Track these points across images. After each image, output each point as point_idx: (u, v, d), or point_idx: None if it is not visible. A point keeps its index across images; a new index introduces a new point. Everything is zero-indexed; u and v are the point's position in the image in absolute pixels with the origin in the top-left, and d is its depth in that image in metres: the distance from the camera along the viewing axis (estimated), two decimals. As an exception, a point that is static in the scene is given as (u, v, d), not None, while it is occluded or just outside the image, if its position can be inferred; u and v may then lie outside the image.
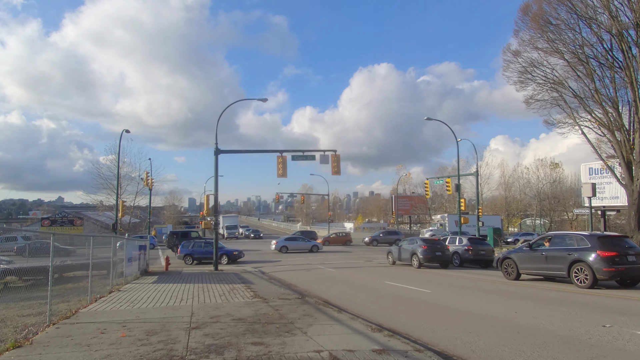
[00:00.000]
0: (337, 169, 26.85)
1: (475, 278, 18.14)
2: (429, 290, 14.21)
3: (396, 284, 16.40)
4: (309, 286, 16.78)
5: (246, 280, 18.63)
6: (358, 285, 16.51)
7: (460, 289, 14.91)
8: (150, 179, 44.86)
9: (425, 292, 14.04)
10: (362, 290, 15.19)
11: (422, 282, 16.67)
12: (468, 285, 15.92)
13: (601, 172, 34.38)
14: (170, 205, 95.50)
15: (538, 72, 22.26)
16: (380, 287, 15.89)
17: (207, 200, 23.78)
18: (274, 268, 24.96)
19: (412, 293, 13.93)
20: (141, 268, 21.74)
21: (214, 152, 24.15)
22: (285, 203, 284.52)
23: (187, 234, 40.61)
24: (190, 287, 15.76)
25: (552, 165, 77.57)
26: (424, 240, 22.69)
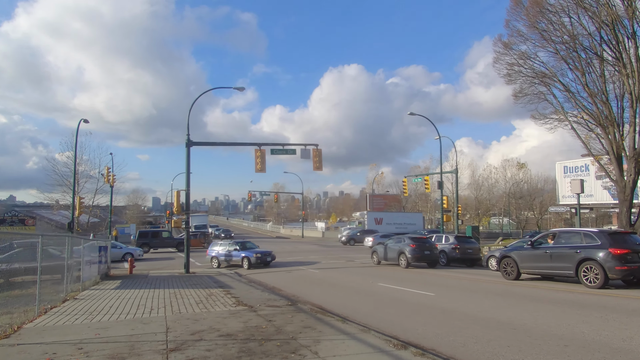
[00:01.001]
0: (318, 164, 25.26)
1: (472, 278, 16.95)
2: (432, 294, 12.80)
3: (391, 286, 14.96)
4: (296, 290, 15.10)
5: (223, 283, 16.75)
6: (350, 289, 14.96)
7: (465, 291, 13.59)
8: (111, 174, 41.84)
9: (428, 295, 12.63)
10: (356, 295, 13.64)
11: (419, 284, 15.30)
12: (470, 287, 14.64)
13: (575, 170, 34.37)
14: (133, 204, 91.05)
15: (528, 64, 21.50)
16: (375, 290, 14.39)
17: (177, 197, 21.65)
18: (252, 269, 23.07)
19: (415, 297, 12.49)
20: (102, 272, 19.42)
21: (186, 144, 22.05)
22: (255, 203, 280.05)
23: (158, 233, 37.98)
24: (160, 293, 13.76)
25: (518, 165, 78.98)
26: (412, 238, 21.44)
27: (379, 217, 54.63)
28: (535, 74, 21.47)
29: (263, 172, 24.04)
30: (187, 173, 21.92)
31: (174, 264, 27.57)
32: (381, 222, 53.02)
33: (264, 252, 24.40)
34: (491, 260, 19.84)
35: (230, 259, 24.45)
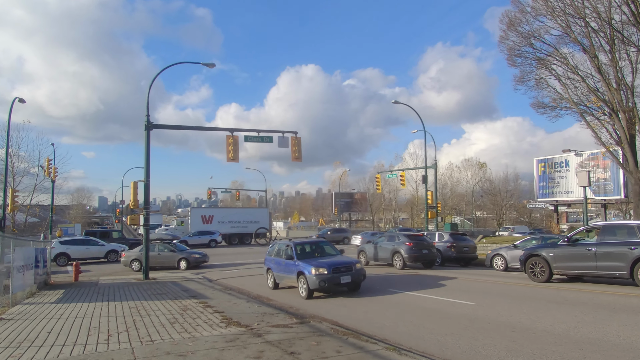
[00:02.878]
0: (297, 153, 22.53)
1: (493, 281, 14.68)
2: (472, 302, 10.39)
3: (408, 292, 12.46)
4: (288, 299, 12.38)
5: (194, 292, 13.72)
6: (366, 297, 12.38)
7: (504, 297, 11.09)
8: (52, 167, 36.98)
9: (468, 304, 10.21)
10: (372, 304, 11.07)
11: (441, 289, 12.86)
12: (503, 291, 12.20)
13: (555, 166, 33.71)
14: (77, 204, 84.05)
15: (536, 45, 19.94)
16: (390, 297, 11.89)
17: (134, 189, 18.24)
18: (221, 273, 20.01)
19: (452, 307, 10.01)
20: (40, 279, 15.73)
21: (145, 126, 18.63)
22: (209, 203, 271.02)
23: (107, 233, 33.67)
24: (118, 309, 10.60)
25: (479, 164, 79.86)
26: (408, 236, 19.19)
27: (208, 215, 45.01)
28: (542, 56, 19.94)
29: (236, 162, 21.02)
30: (147, 160, 18.53)
31: (127, 268, 23.87)
32: (211, 220, 44.17)
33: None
34: (496, 259, 17.98)
35: None
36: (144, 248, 18.38)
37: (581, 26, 18.48)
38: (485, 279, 15.28)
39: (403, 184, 36.38)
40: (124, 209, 65.70)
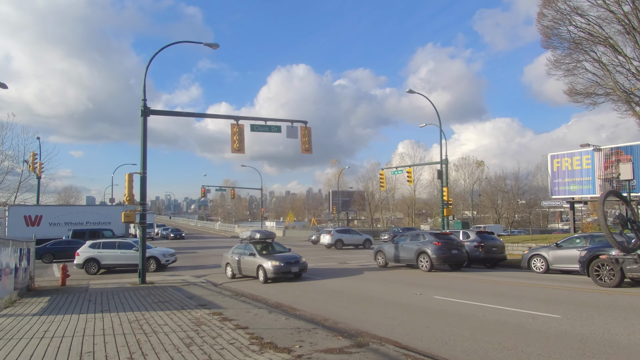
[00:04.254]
0: (308, 145, 20.64)
1: (551, 285, 12.80)
2: (557, 315, 8.51)
3: (465, 301, 10.57)
4: (316, 308, 10.49)
5: (202, 299, 11.78)
6: (401, 305, 10.43)
7: (585, 308, 9.23)
8: (38, 162, 34.65)
9: (552, 317, 8.33)
10: (428, 316, 9.15)
11: (498, 297, 11.07)
12: (575, 299, 10.28)
13: (571, 162, 32.16)
14: (65, 204, 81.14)
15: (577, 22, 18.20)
16: (445, 307, 9.96)
17: (128, 182, 16.22)
18: (227, 276, 18.03)
19: (534, 322, 8.02)
20: (22, 284, 13.66)
21: (141, 112, 16.62)
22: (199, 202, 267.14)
23: (97, 232, 31.34)
24: (115, 323, 8.64)
25: (477, 163, 78.58)
26: (435, 235, 17.38)
27: (36, 215, 33.97)
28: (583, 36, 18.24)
29: (241, 153, 19.08)
30: (143, 150, 16.52)
31: (120, 270, 21.79)
32: (39, 221, 33.68)
33: None
34: (535, 260, 16.26)
35: None
36: (141, 247, 16.34)
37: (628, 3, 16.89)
38: (539, 283, 13.40)
39: (410, 181, 34.68)
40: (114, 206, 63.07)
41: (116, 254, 20.57)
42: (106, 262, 20.33)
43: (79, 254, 20.31)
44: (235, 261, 17.52)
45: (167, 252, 22.24)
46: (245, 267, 16.92)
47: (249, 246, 17.25)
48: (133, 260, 19.49)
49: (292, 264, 16.04)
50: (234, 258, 17.70)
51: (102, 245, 21.00)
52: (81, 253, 20.36)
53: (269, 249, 17.25)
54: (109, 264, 20.42)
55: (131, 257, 20.01)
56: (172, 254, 22.33)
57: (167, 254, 21.88)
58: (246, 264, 16.90)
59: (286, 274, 15.75)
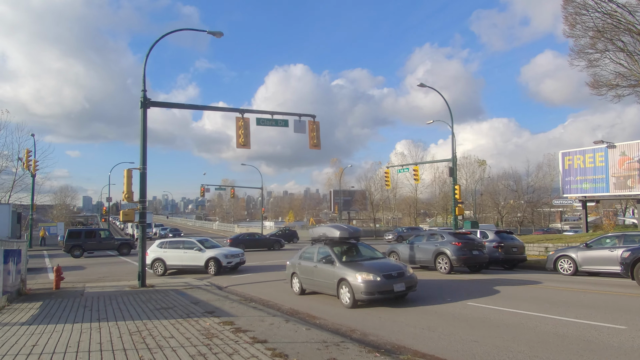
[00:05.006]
0: (316, 140, 19.59)
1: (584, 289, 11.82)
2: (624, 326, 7.41)
3: (501, 307, 9.46)
4: (335, 314, 9.46)
5: (209, 305, 10.73)
6: (431, 312, 9.45)
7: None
8: (33, 160, 33.48)
9: (618, 329, 7.28)
10: (468, 327, 8.15)
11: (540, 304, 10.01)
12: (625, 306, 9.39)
13: (584, 160, 31.21)
14: (61, 204, 79.90)
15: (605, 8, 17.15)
16: (489, 316, 8.86)
17: (127, 178, 15.16)
18: (231, 279, 16.97)
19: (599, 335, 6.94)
20: (12, 287, 12.55)
21: (141, 104, 15.53)
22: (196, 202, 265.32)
23: (94, 233, 30.23)
24: (114, 334, 7.58)
25: (479, 162, 77.64)
26: (454, 235, 16.37)
27: None
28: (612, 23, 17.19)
29: (247, 148, 18.00)
30: (143, 143, 15.44)
31: (118, 271, 20.73)
32: None
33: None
34: (561, 262, 15.28)
35: None
36: (140, 248, 15.26)
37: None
38: (575, 287, 12.38)
39: (416, 179, 33.65)
40: (111, 206, 61.96)
41: (179, 254, 18.85)
42: (171, 262, 18.80)
43: (148, 254, 18.37)
44: (307, 271, 12.36)
45: (231, 252, 18.96)
46: (320, 281, 11.70)
47: (324, 249, 12.10)
48: (197, 262, 18.38)
49: (395, 278, 10.34)
50: (305, 266, 12.52)
51: (168, 244, 19.40)
52: (150, 252, 18.73)
53: (353, 253, 12.11)
54: (173, 265, 18.84)
55: (194, 257, 18.58)
56: (237, 255, 18.87)
57: (230, 254, 18.67)
58: (321, 275, 11.66)
59: (386, 293, 10.09)
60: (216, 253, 18.45)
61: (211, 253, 18.42)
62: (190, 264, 18.49)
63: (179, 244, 19.26)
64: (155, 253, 19.03)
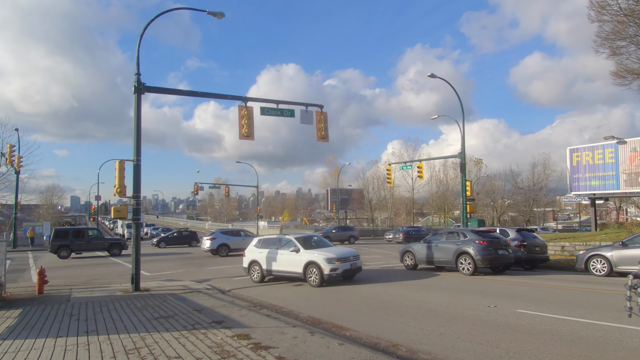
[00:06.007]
0: (324, 132, 18.26)
1: None
2: None
3: (561, 316, 8.19)
4: (364, 323, 8.12)
5: (216, 313, 9.33)
6: (481, 322, 8.14)
7: None
8: (17, 156, 31.67)
9: None
10: (537, 341, 6.86)
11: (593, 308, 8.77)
12: None
13: (593, 157, 30.22)
14: (48, 203, 77.52)
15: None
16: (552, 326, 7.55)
17: (119, 170, 13.73)
18: (233, 282, 15.56)
19: None
20: (-15, 294, 11.06)
21: (134, 89, 14.06)
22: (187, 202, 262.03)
23: (82, 232, 28.52)
24: (107, 354, 6.17)
25: (475, 161, 76.96)
26: (478, 233, 15.13)
27: None
28: None
29: (251, 139, 16.61)
30: (137, 133, 13.98)
31: (108, 273, 19.16)
32: None
33: None
34: (594, 262, 14.13)
35: None
36: (134, 248, 13.79)
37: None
38: (622, 290, 11.21)
39: (421, 176, 32.50)
40: (100, 206, 60.00)
41: (276, 256, 14.90)
42: (268, 266, 15.02)
43: (245, 255, 15.92)
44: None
45: (340, 253, 13.81)
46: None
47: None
48: (294, 267, 14.14)
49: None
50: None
51: (264, 242, 15.68)
52: (247, 253, 15.84)
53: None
54: (270, 269, 15.00)
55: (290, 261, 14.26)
56: (347, 258, 13.67)
57: (339, 257, 13.51)
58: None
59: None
60: (317, 255, 13.62)
61: (310, 255, 13.77)
62: (287, 269, 14.44)
63: (276, 243, 15.35)
64: (251, 254, 15.61)
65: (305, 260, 13.69)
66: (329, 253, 13.63)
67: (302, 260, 13.78)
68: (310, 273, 13.54)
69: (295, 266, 13.94)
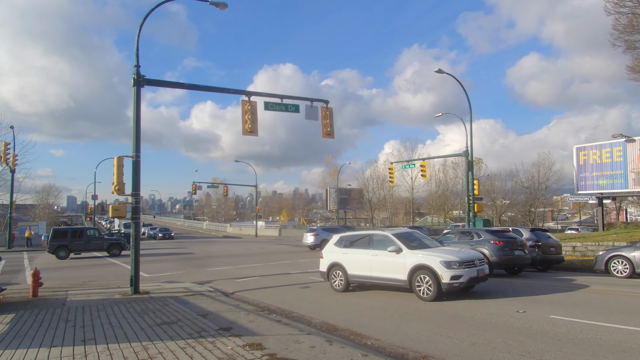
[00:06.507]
0: (329, 128, 17.66)
1: None
2: None
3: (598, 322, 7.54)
4: (382, 329, 7.51)
5: (222, 319, 8.69)
6: (513, 330, 7.54)
7: None
8: (12, 154, 30.93)
9: None
10: (586, 353, 6.23)
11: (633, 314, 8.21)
12: None
13: (601, 155, 29.69)
14: (44, 204, 76.71)
15: None
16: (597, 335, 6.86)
17: (118, 167, 13.06)
18: (236, 283, 14.92)
19: None
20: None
21: (134, 82, 13.40)
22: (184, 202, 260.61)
23: (81, 232, 27.75)
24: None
25: (475, 160, 76.41)
26: (493, 232, 14.51)
27: None
28: None
29: (254, 135, 15.95)
30: (136, 127, 13.31)
31: (106, 274, 18.51)
32: None
33: None
34: (614, 263, 13.56)
35: None
36: (134, 249, 13.12)
37: None
38: None
39: (424, 175, 31.95)
40: (96, 206, 59.20)
41: (365, 258, 11.66)
42: (354, 271, 11.96)
43: (323, 257, 13.09)
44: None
45: (464, 256, 10.44)
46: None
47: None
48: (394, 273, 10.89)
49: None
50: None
51: (349, 241, 12.53)
52: (325, 254, 13.00)
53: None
54: (356, 275, 11.90)
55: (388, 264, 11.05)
56: (471, 261, 10.34)
57: (462, 260, 10.16)
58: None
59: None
60: (430, 257, 10.34)
61: (419, 257, 10.50)
62: (382, 275, 11.21)
63: (365, 240, 12.08)
64: (331, 255, 12.72)
65: (412, 263, 10.42)
66: (447, 254, 10.32)
67: (407, 263, 10.54)
68: (420, 281, 10.29)
69: (396, 271, 10.77)
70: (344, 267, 12.13)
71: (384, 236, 11.64)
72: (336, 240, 12.93)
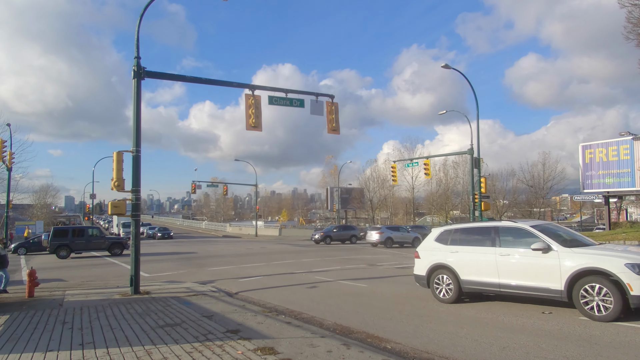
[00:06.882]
0: (335, 123, 17.19)
1: None
2: None
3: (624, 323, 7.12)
4: (401, 332, 7.03)
5: (229, 320, 8.20)
6: (542, 333, 7.11)
7: None
8: (8, 152, 30.38)
9: None
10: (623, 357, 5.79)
11: None
12: None
13: (607, 153, 29.27)
14: (42, 204, 76.03)
15: None
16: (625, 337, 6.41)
17: (117, 162, 12.58)
18: (239, 283, 14.43)
19: None
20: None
21: (134, 74, 12.89)
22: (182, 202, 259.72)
23: (82, 231, 27.14)
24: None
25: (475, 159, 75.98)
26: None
27: None
28: None
29: (258, 130, 15.48)
30: (136, 121, 12.81)
31: (105, 274, 18.01)
32: None
33: None
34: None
35: None
36: (134, 247, 12.63)
37: None
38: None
39: (428, 174, 31.52)
40: (95, 205, 58.62)
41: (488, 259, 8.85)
42: (469, 276, 9.21)
43: (419, 256, 10.47)
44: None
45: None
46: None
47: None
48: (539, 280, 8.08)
49: None
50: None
51: (460, 236, 9.76)
52: (422, 253, 10.41)
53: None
54: (474, 281, 9.14)
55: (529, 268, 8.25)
56: None
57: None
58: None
59: None
60: (605, 258, 7.44)
61: (588, 259, 7.59)
62: (520, 282, 8.37)
63: (484, 235, 9.23)
64: (432, 254, 10.10)
65: (574, 267, 7.58)
66: (632, 255, 7.37)
67: (563, 267, 7.72)
68: (589, 293, 7.44)
69: (543, 278, 7.97)
70: (453, 271, 9.41)
71: (518, 229, 8.72)
72: (438, 233, 10.27)
